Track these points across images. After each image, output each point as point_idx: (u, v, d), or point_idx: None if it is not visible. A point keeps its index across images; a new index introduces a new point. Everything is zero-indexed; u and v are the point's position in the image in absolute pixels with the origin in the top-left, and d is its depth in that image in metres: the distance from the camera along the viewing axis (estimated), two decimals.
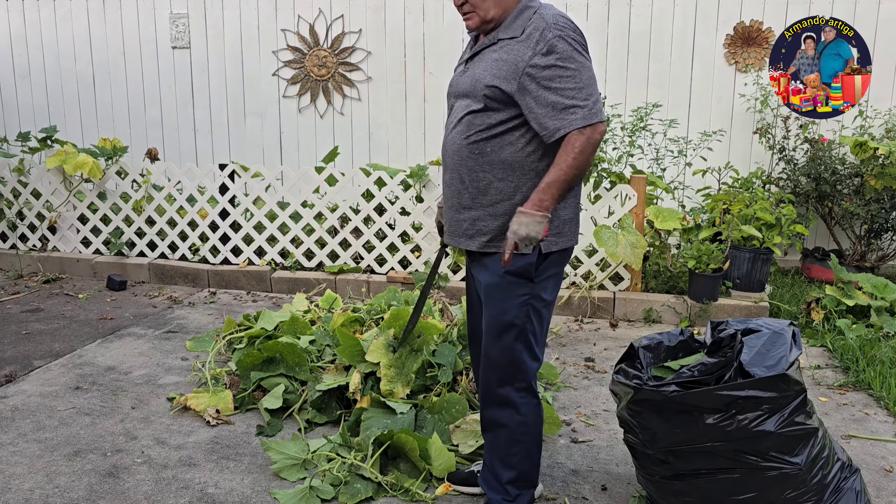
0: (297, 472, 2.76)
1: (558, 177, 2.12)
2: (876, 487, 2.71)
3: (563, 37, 2.11)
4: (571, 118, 2.10)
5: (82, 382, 3.66)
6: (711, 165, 5.79)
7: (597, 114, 2.11)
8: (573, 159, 2.10)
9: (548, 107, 2.11)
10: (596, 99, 2.13)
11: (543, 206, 2.14)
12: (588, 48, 2.19)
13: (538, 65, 2.10)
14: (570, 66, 2.10)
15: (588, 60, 2.15)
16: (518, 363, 2.28)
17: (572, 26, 2.16)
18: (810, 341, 4.34)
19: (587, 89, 2.12)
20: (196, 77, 6.96)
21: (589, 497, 2.65)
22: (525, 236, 2.14)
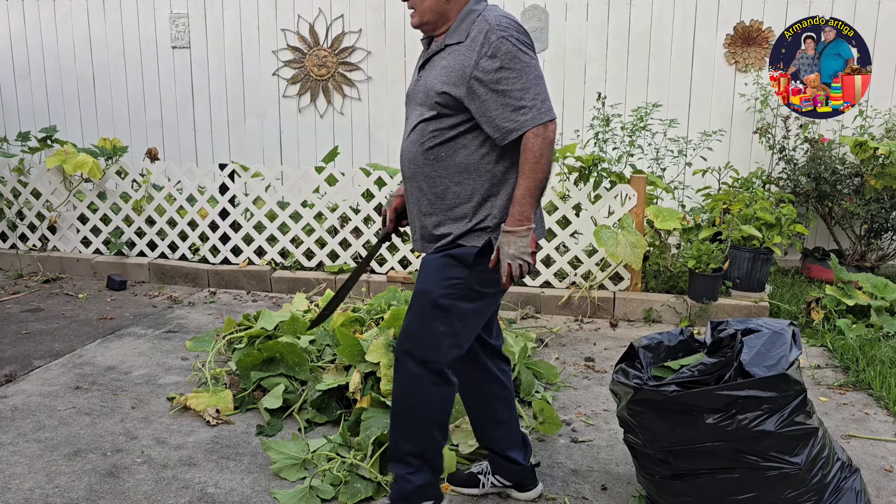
0: (297, 471, 2.76)
1: (527, 185, 2.13)
2: (876, 487, 2.71)
3: (506, 37, 2.11)
4: (522, 119, 2.10)
5: (82, 382, 3.66)
6: (711, 165, 5.79)
7: (547, 112, 2.12)
8: (535, 163, 2.11)
9: (498, 109, 2.12)
10: (545, 97, 2.14)
11: (524, 217, 2.15)
12: (534, 46, 2.20)
13: (484, 68, 2.11)
14: (515, 66, 2.10)
15: (533, 59, 2.15)
16: (434, 343, 2.26)
17: (515, 26, 2.15)
18: (810, 341, 4.34)
19: (534, 88, 2.12)
20: (196, 77, 6.96)
21: (589, 497, 2.65)
22: (515, 254, 2.15)
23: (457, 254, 2.24)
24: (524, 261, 2.17)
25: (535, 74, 2.14)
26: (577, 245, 4.98)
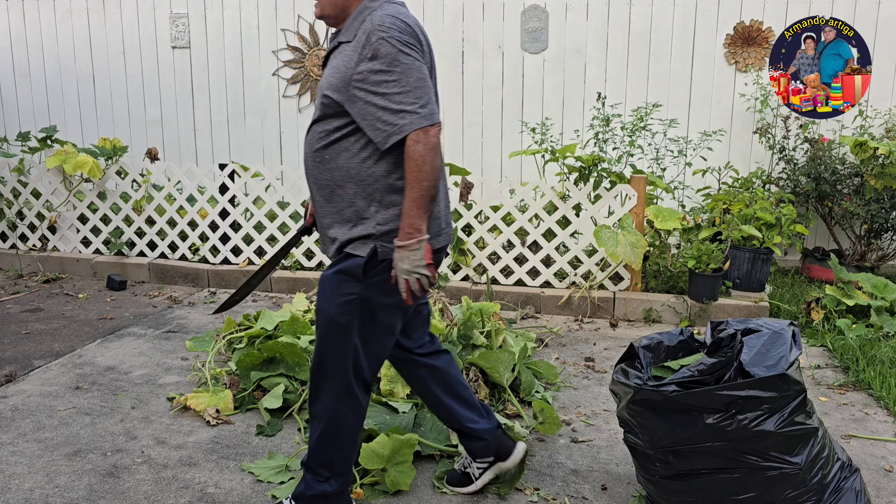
0: (282, 475, 2.76)
1: (413, 195, 2.05)
2: (876, 487, 2.71)
3: (385, 39, 2.04)
4: (402, 123, 2.03)
5: (82, 382, 3.66)
6: (711, 165, 5.79)
7: (428, 116, 2.04)
8: (418, 171, 2.03)
9: (377, 113, 2.05)
10: (426, 101, 2.06)
11: (413, 229, 2.07)
12: (420, 46, 2.12)
13: (364, 71, 2.05)
14: (395, 69, 2.03)
15: (417, 60, 2.07)
16: (337, 362, 2.23)
17: (400, 26, 2.07)
18: (810, 341, 4.34)
19: (415, 92, 2.04)
20: (196, 77, 6.96)
21: (589, 497, 2.66)
22: (409, 269, 2.08)
23: (346, 268, 2.17)
24: (420, 274, 2.09)
25: (417, 77, 2.05)
26: (577, 245, 4.98)
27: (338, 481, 2.33)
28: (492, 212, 5.08)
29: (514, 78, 6.35)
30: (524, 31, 6.25)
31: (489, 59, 6.36)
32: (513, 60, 6.33)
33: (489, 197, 5.08)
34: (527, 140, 6.33)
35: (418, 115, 2.03)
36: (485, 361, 3.27)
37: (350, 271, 2.17)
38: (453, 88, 6.46)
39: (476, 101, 6.46)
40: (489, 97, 6.42)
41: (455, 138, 6.54)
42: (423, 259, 2.09)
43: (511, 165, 6.46)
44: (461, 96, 6.47)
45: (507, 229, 5.05)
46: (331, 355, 2.23)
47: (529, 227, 5.02)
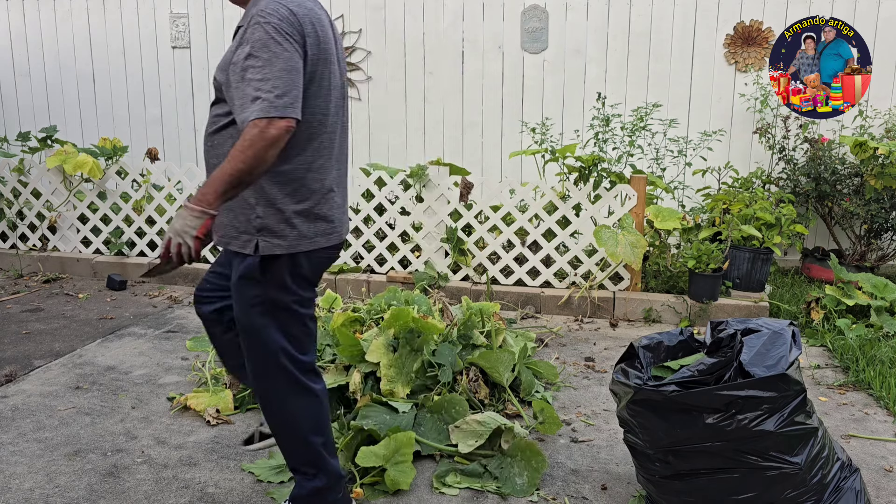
0: (282, 475, 2.76)
1: (224, 169, 1.96)
2: (876, 487, 2.71)
3: (262, 24, 2.00)
4: (252, 108, 1.96)
5: (82, 382, 3.66)
6: (711, 165, 5.79)
7: (278, 108, 1.95)
8: (240, 152, 1.94)
9: (240, 98, 2.01)
10: (283, 92, 1.97)
11: (205, 199, 1.97)
12: (302, 37, 2.06)
13: (239, 55, 2.03)
14: (262, 55, 1.98)
15: (288, 50, 2.01)
16: (267, 364, 2.23)
17: (281, 13, 2.02)
18: (810, 341, 4.34)
19: (275, 80, 1.97)
20: (196, 76, 6.96)
21: (589, 496, 2.66)
22: (177, 230, 2.00)
23: (244, 272, 2.16)
24: (184, 241, 2.00)
25: (283, 67, 1.98)
26: (577, 245, 4.98)
27: (326, 473, 2.32)
28: (492, 212, 5.08)
29: (514, 78, 6.35)
30: (524, 31, 6.25)
31: (489, 59, 6.36)
32: (513, 60, 6.33)
33: (489, 197, 5.08)
34: (527, 140, 6.33)
35: (268, 104, 1.95)
36: (485, 361, 3.27)
37: (248, 275, 2.16)
38: (453, 88, 6.46)
39: (476, 101, 6.46)
40: (489, 97, 6.42)
41: (455, 138, 6.54)
42: (195, 229, 1.99)
43: (511, 165, 6.46)
44: (461, 96, 6.47)
45: (507, 229, 5.05)
46: (262, 360, 2.23)
47: (529, 227, 5.02)
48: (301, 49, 2.05)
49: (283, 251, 2.14)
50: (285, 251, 2.14)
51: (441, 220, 5.18)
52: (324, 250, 2.24)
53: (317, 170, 2.18)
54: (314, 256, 2.22)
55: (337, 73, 2.23)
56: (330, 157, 2.22)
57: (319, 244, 2.21)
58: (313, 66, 2.10)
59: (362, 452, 2.62)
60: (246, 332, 2.22)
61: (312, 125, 2.15)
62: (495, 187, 5.05)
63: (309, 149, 2.16)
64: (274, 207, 2.12)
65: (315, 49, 2.10)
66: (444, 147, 6.58)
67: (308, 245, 2.18)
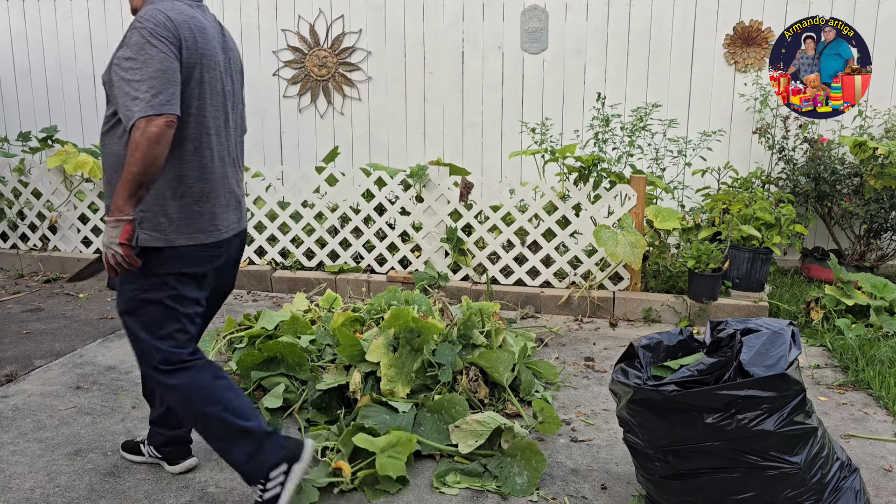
0: None
1: (125, 176, 2.12)
2: (875, 487, 2.72)
3: (138, 28, 2.15)
4: (134, 109, 2.10)
5: (83, 382, 3.66)
6: (711, 165, 5.80)
7: (155, 106, 2.10)
8: (130, 155, 2.10)
9: (122, 98, 2.14)
10: (158, 91, 2.12)
11: (115, 208, 2.15)
12: (178, 41, 2.20)
13: (119, 56, 2.17)
14: (139, 57, 2.13)
15: (162, 52, 2.15)
16: (143, 348, 2.36)
17: (158, 19, 2.18)
18: (810, 341, 4.35)
19: (150, 82, 2.11)
20: None
21: (588, 496, 2.66)
22: (105, 243, 2.19)
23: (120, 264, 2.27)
24: (113, 251, 2.18)
25: (158, 68, 2.13)
26: (576, 245, 4.98)
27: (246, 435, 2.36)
28: (492, 212, 5.08)
29: (514, 78, 6.36)
30: (524, 32, 6.26)
31: (489, 59, 6.37)
32: (513, 60, 6.33)
33: (489, 197, 5.09)
34: (527, 140, 6.34)
35: (145, 103, 2.10)
36: (485, 361, 3.28)
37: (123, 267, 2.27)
38: (453, 88, 6.47)
39: (476, 102, 6.46)
40: (489, 97, 6.43)
41: (455, 138, 6.55)
42: (118, 237, 2.16)
43: (511, 165, 6.47)
44: (461, 96, 6.47)
45: (506, 229, 5.06)
46: (138, 348, 2.38)
47: (529, 227, 5.02)
48: (177, 52, 2.20)
49: (160, 244, 2.28)
50: (163, 244, 2.28)
51: (441, 220, 5.19)
52: (204, 247, 2.37)
53: (197, 168, 2.32)
54: (196, 253, 2.35)
55: (222, 78, 2.39)
56: (213, 158, 2.37)
57: (198, 240, 2.34)
58: (190, 68, 2.25)
59: (359, 437, 2.64)
60: (123, 320, 2.38)
61: (191, 125, 2.29)
62: (495, 187, 5.06)
63: (188, 147, 2.30)
64: (154, 202, 2.28)
65: (192, 53, 2.25)
66: (444, 147, 6.59)
67: (186, 240, 2.32)
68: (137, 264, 2.25)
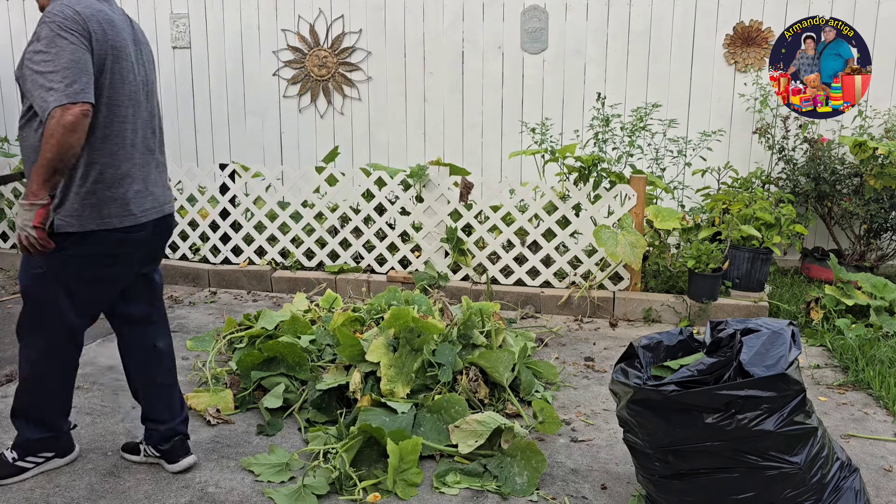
0: (282, 474, 2.76)
1: (40, 161, 2.25)
2: (875, 487, 2.72)
3: (47, 22, 2.25)
4: (50, 99, 2.21)
5: (83, 382, 3.66)
6: (711, 165, 5.80)
7: (70, 95, 2.21)
8: (45, 142, 2.22)
9: (36, 90, 2.24)
10: (72, 81, 2.23)
11: (30, 192, 2.28)
12: (87, 33, 2.29)
13: (30, 51, 2.27)
14: (50, 50, 2.23)
15: (73, 44, 2.25)
16: (28, 324, 2.55)
17: (66, 13, 2.27)
18: (810, 341, 4.35)
19: (63, 72, 2.22)
20: (196, 77, 6.97)
21: (589, 496, 2.66)
22: (19, 225, 2.33)
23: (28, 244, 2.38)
24: (28, 233, 2.32)
25: (70, 59, 2.24)
26: (576, 245, 4.98)
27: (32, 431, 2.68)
28: (492, 212, 5.08)
29: (514, 78, 6.36)
30: (524, 32, 6.26)
31: (489, 59, 6.37)
32: (513, 60, 6.33)
33: (489, 197, 5.09)
34: (527, 140, 6.34)
35: (60, 93, 2.21)
36: (485, 361, 3.28)
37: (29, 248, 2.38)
38: (453, 88, 6.47)
39: (476, 102, 6.46)
40: (489, 97, 6.43)
41: (455, 138, 6.55)
42: (31, 220, 2.30)
43: (511, 165, 6.47)
44: (461, 96, 6.47)
45: (506, 229, 5.06)
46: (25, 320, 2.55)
47: (529, 227, 5.02)
48: (87, 44, 2.30)
49: (74, 229, 2.39)
50: (76, 229, 2.39)
51: (441, 220, 5.19)
52: (116, 231, 2.47)
53: (109, 156, 2.43)
54: (108, 237, 2.46)
55: (133, 69, 2.50)
56: (124, 146, 2.47)
57: (111, 225, 2.45)
58: (101, 60, 2.36)
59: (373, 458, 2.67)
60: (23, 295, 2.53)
61: (103, 114, 2.39)
62: (495, 187, 5.06)
63: (100, 136, 2.40)
64: (68, 188, 2.38)
65: (102, 45, 2.36)
66: (444, 147, 6.59)
67: (98, 225, 2.43)
68: (51, 246, 2.37)
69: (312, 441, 2.97)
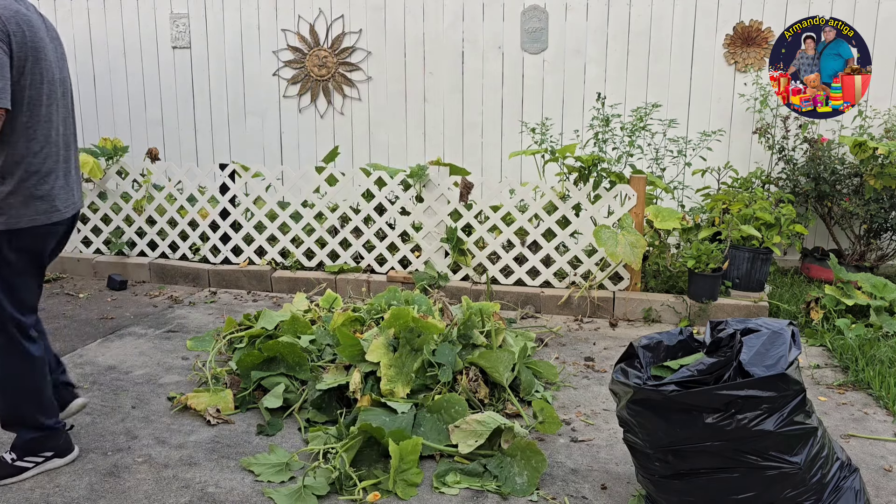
0: (282, 474, 2.76)
1: None
2: (875, 487, 2.72)
3: None
4: None
5: (83, 381, 3.66)
6: (711, 165, 5.80)
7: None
8: None
9: None
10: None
11: None
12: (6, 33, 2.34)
13: None
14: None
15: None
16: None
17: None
18: (810, 341, 4.35)
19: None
20: (196, 77, 6.97)
21: (588, 496, 2.66)
22: None
23: None
24: None
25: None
26: (576, 245, 4.98)
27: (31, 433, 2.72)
28: (492, 212, 5.08)
29: (514, 78, 6.36)
30: (524, 32, 6.26)
31: (489, 59, 6.37)
32: (513, 60, 6.33)
33: (489, 197, 5.09)
34: (526, 140, 6.34)
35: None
36: (485, 361, 3.28)
37: None
38: (453, 88, 6.47)
39: (476, 102, 6.46)
40: (489, 97, 6.43)
41: (455, 138, 6.55)
42: None
43: (511, 165, 6.47)
44: (461, 96, 6.47)
45: (506, 229, 5.06)
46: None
47: (529, 227, 5.02)
48: (7, 47, 2.35)
49: (4, 227, 2.46)
50: (4, 227, 2.46)
51: (441, 220, 5.19)
52: (46, 227, 2.56)
53: (34, 155, 2.50)
54: (37, 232, 2.54)
55: (53, 70, 2.55)
56: (48, 143, 2.54)
57: (39, 221, 2.53)
58: (22, 61, 2.40)
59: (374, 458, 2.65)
60: None
61: (25, 114, 2.45)
62: (495, 187, 5.06)
63: (24, 136, 2.46)
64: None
65: (23, 46, 2.40)
66: (443, 147, 6.59)
67: (27, 222, 2.50)
68: None
69: (312, 441, 2.97)
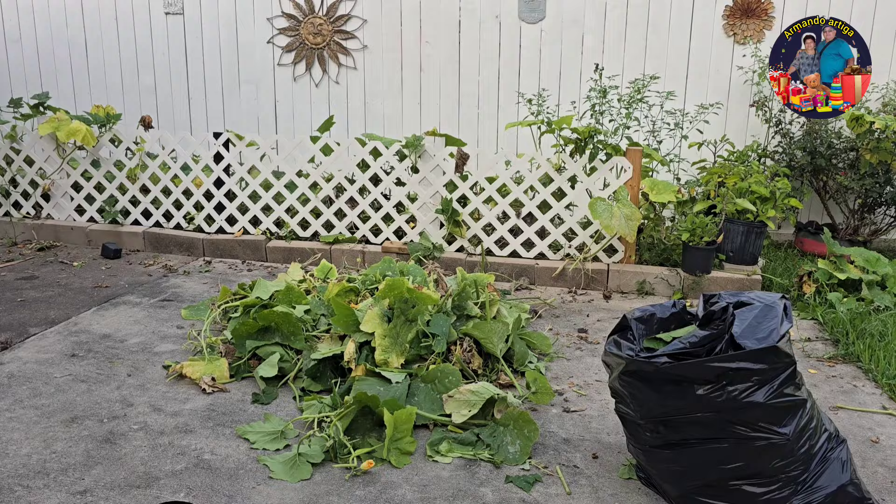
0: (277, 442, 2.78)
1: None
2: (862, 457, 2.76)
3: None
4: None
5: (78, 350, 3.67)
6: (708, 138, 5.78)
7: None
8: None
9: None
10: None
11: None
12: None
13: None
14: None
15: None
16: None
17: None
18: (801, 314, 4.38)
19: None
20: (190, 43, 6.88)
21: (580, 465, 2.70)
22: None
23: None
24: None
25: None
26: (571, 217, 4.98)
27: None
28: (487, 183, 5.07)
29: (511, 48, 6.30)
30: (522, 1, 6.18)
31: (486, 28, 6.30)
32: (510, 30, 6.27)
33: (485, 168, 5.07)
34: (523, 111, 6.30)
35: None
36: (479, 332, 3.30)
37: None
38: (450, 58, 6.41)
39: (473, 72, 6.41)
40: (486, 67, 6.38)
41: (451, 109, 6.50)
42: None
43: (507, 137, 6.44)
44: (457, 66, 6.42)
45: (502, 201, 5.05)
46: None
47: (525, 199, 5.02)
48: None
49: None
50: None
51: (436, 191, 5.17)
52: None
53: None
54: None
55: None
56: None
57: None
58: None
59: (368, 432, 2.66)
60: None
61: None
62: (491, 158, 5.04)
63: None
64: None
65: None
66: (439, 117, 6.55)
67: None
68: None
69: (307, 410, 3.00)
